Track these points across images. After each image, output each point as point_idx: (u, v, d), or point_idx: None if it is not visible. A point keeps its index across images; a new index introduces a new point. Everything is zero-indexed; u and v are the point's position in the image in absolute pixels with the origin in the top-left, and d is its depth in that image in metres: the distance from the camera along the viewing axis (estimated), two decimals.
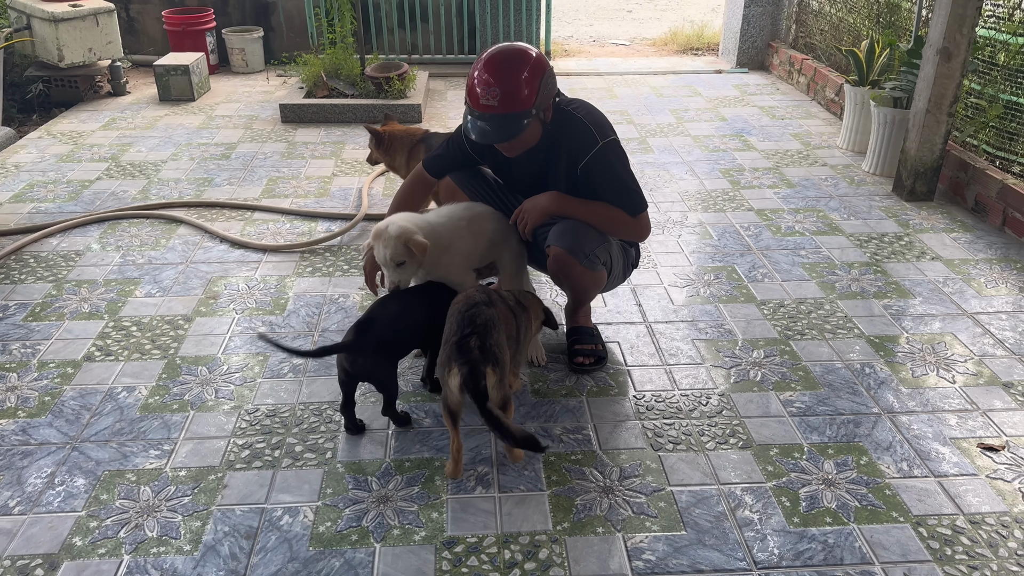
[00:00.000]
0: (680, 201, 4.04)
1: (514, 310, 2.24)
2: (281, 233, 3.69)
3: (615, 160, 2.41)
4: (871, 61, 4.57)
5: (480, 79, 2.30)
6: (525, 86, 2.27)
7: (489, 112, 2.29)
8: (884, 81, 4.45)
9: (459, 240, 2.48)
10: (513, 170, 2.63)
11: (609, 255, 2.54)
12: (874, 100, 4.31)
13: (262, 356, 2.72)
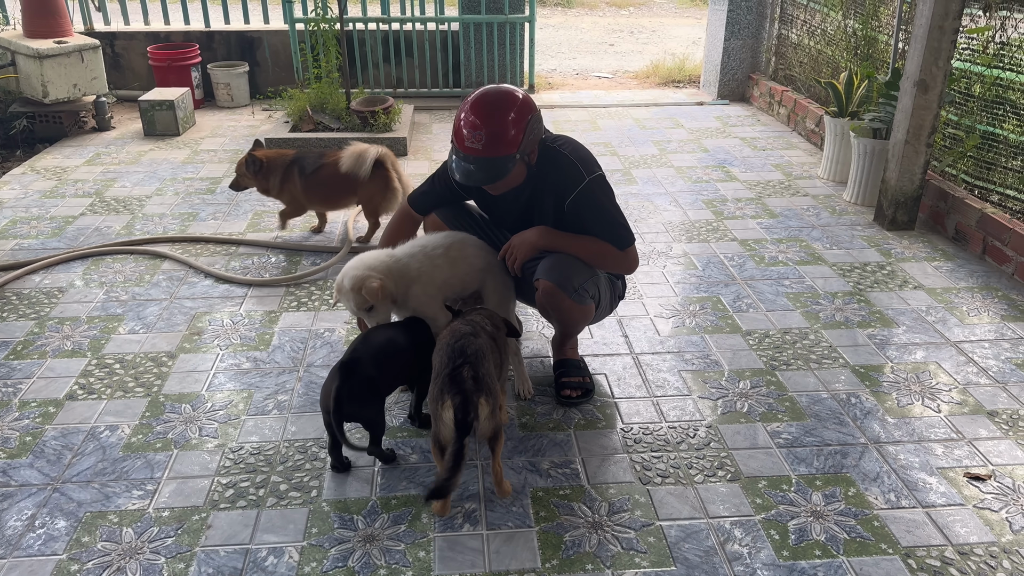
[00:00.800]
0: (664, 232, 4.07)
1: (493, 335, 2.25)
2: (266, 267, 3.69)
3: (602, 195, 2.43)
4: (850, 93, 4.66)
5: (467, 121, 2.32)
6: (511, 128, 2.30)
7: (474, 155, 2.32)
8: (863, 112, 4.54)
9: (433, 269, 2.49)
10: (499, 206, 2.64)
11: (597, 288, 2.56)
12: (854, 131, 4.39)
13: (246, 392, 2.71)
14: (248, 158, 3.85)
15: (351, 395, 2.16)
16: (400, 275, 2.45)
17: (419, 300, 2.47)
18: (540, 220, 2.53)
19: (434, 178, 2.72)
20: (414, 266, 2.47)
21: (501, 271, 2.61)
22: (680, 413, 2.61)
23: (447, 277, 2.52)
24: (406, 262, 2.48)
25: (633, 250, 2.50)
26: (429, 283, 2.47)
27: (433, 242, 2.56)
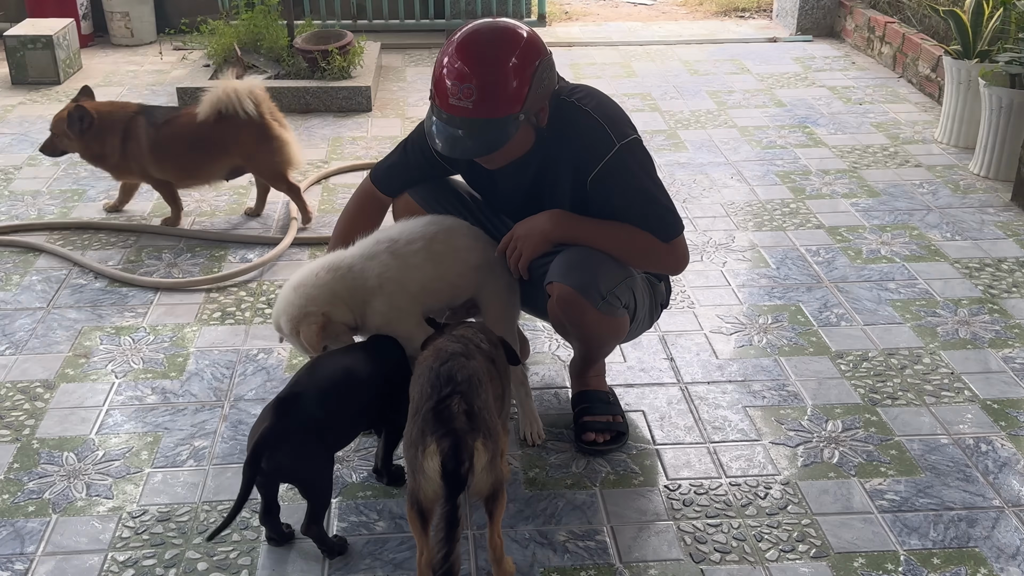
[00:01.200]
0: (724, 216, 4.08)
1: (491, 357, 2.26)
2: (179, 265, 3.69)
3: (637, 167, 2.43)
4: (979, 25, 4.67)
5: (451, 69, 2.31)
6: (512, 78, 2.29)
7: (462, 116, 2.30)
8: (997, 52, 4.54)
9: (406, 271, 2.49)
10: (497, 184, 2.64)
11: (632, 294, 2.56)
12: (984, 78, 4.40)
13: (151, 436, 2.71)
14: (73, 111, 3.77)
15: (284, 445, 2.14)
16: (356, 289, 2.46)
17: (385, 317, 2.48)
18: (553, 202, 2.53)
19: (406, 145, 2.71)
20: (373, 271, 2.48)
21: (503, 272, 2.61)
22: (746, 465, 2.61)
23: (428, 281, 2.52)
24: (361, 267, 2.49)
25: (681, 241, 2.50)
26: (399, 292, 2.47)
27: (407, 233, 2.56)
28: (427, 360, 2.15)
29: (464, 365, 2.08)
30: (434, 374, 2.07)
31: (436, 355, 2.14)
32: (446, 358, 2.11)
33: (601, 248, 2.47)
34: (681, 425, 2.77)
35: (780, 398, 2.89)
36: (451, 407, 2.00)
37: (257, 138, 3.81)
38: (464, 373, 2.06)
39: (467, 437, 1.97)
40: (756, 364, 3.05)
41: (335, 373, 2.32)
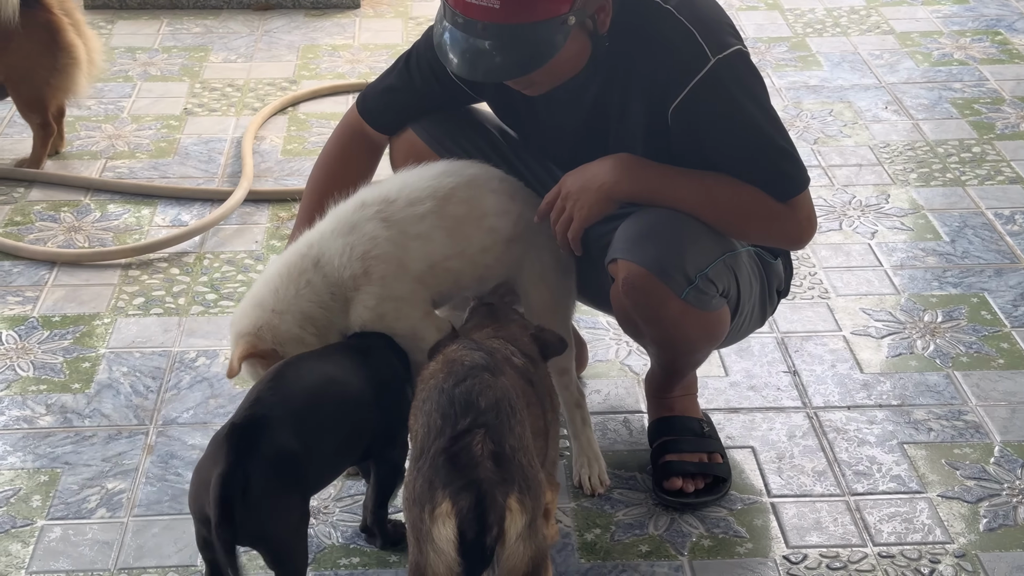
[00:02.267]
0: (875, 165, 4.06)
1: (528, 373, 2.25)
2: (84, 228, 3.72)
3: (741, 91, 2.42)
4: None
5: None
6: None
7: (487, 20, 2.30)
8: None
9: (405, 246, 2.50)
10: (541, 115, 2.64)
11: (734, 277, 2.56)
12: None
13: (45, 474, 2.74)
14: None
15: (250, 493, 2.17)
16: (327, 296, 2.48)
17: (375, 312, 2.48)
18: (620, 143, 2.53)
19: (409, 60, 2.71)
20: (353, 254, 2.48)
21: (548, 244, 2.61)
22: (903, 528, 2.61)
23: (439, 257, 2.52)
24: (331, 257, 2.49)
25: (805, 200, 2.49)
26: (395, 276, 2.48)
27: (409, 188, 2.55)
28: (435, 377, 2.13)
29: (489, 384, 2.06)
30: (446, 398, 2.05)
31: (448, 369, 2.12)
32: (462, 374, 2.08)
33: (688, 210, 2.47)
34: (808, 469, 2.76)
35: (954, 431, 2.87)
36: (471, 448, 1.99)
37: (37, 45, 3.81)
38: (490, 396, 2.05)
39: (495, 491, 1.97)
40: (919, 381, 3.03)
41: (312, 385, 2.33)
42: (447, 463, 1.99)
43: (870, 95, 4.54)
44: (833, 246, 3.60)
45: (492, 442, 2.00)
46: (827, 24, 5.18)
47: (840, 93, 4.56)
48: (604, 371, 3.10)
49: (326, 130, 4.21)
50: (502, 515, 1.96)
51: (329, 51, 5.01)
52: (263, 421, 2.19)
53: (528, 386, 2.22)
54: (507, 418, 2.04)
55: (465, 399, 2.02)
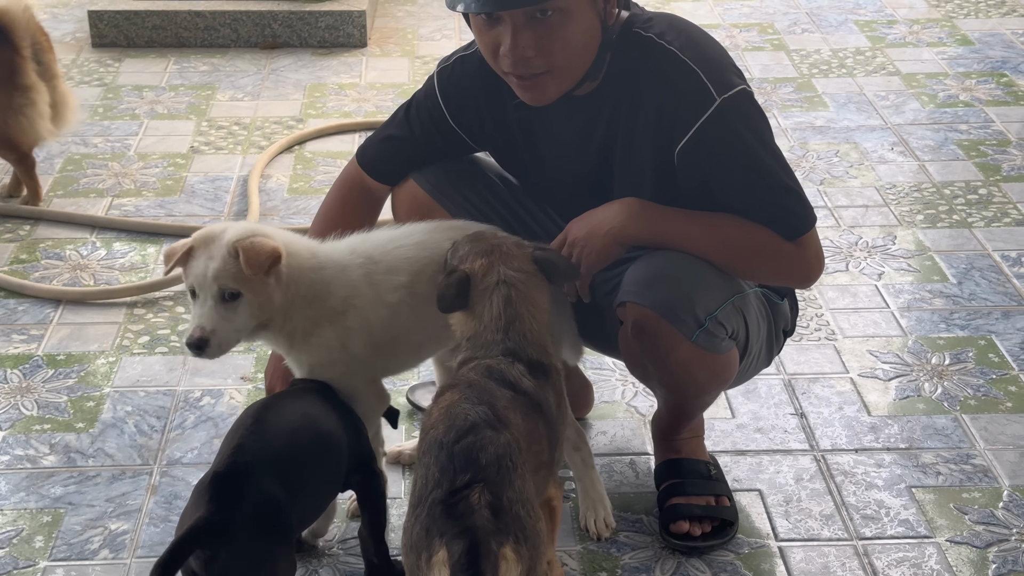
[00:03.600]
0: (880, 206, 4.06)
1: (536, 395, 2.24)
2: (90, 266, 3.73)
3: (747, 130, 2.44)
4: None
5: None
6: None
7: None
8: None
9: (375, 310, 2.49)
10: (545, 157, 2.65)
11: (743, 318, 2.56)
12: None
13: (48, 515, 2.73)
14: None
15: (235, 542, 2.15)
16: (319, 289, 2.47)
17: (326, 357, 2.48)
18: (627, 184, 2.54)
19: (409, 109, 2.73)
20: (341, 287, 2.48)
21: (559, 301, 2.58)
22: (912, 573, 2.59)
23: (402, 332, 2.54)
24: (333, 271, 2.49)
25: (813, 239, 2.49)
26: (358, 333, 2.48)
27: (392, 254, 2.55)
28: (436, 428, 2.12)
29: (491, 440, 2.05)
30: (446, 454, 2.05)
31: (449, 423, 2.11)
32: (464, 429, 2.08)
33: (696, 251, 2.47)
34: (816, 513, 2.75)
35: (963, 476, 2.86)
36: (469, 499, 1.99)
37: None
38: (490, 453, 2.04)
39: (490, 540, 1.97)
40: (927, 424, 3.03)
41: (292, 426, 2.33)
42: (444, 512, 2.00)
43: (876, 136, 4.55)
44: (840, 287, 3.60)
45: (490, 494, 2.00)
46: (833, 65, 5.19)
47: (846, 134, 4.57)
48: (610, 412, 3.09)
49: (332, 168, 4.24)
50: (496, 564, 1.96)
51: (336, 90, 5.02)
52: (246, 469, 2.19)
53: (535, 417, 2.20)
54: (507, 473, 2.04)
55: (465, 456, 2.03)
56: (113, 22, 5.37)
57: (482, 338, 2.30)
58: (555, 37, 2.36)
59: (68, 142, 4.48)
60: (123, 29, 5.38)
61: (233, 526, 2.12)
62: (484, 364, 2.25)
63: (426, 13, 5.77)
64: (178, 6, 5.41)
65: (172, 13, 5.38)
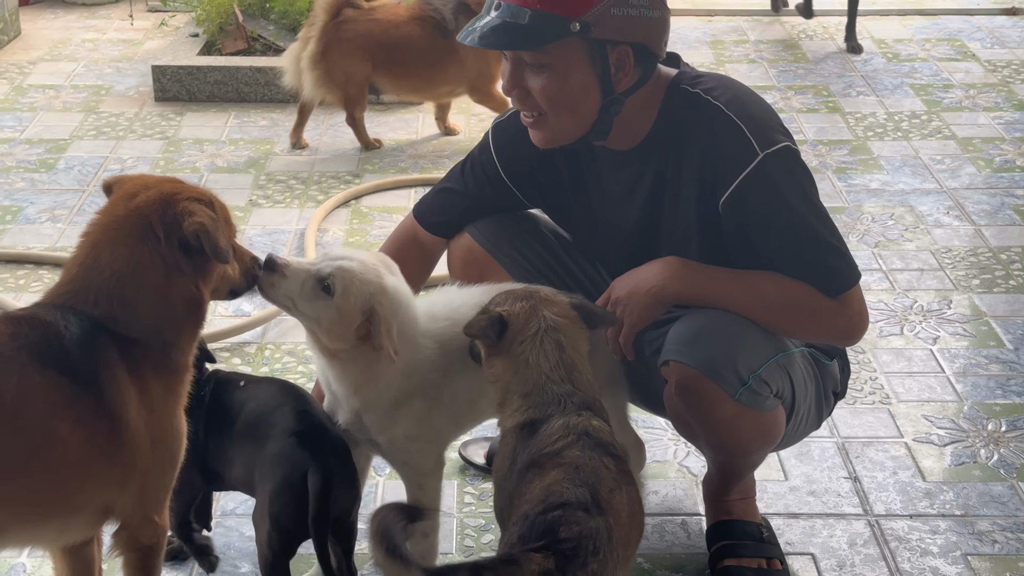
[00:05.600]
0: (936, 270, 4.05)
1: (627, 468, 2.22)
2: None
3: (789, 186, 2.45)
4: None
5: None
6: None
7: (504, 1, 2.40)
8: None
9: (451, 379, 2.47)
10: (594, 211, 2.68)
11: (788, 377, 2.55)
12: None
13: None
14: None
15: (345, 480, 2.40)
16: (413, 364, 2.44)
17: (411, 432, 2.46)
18: (673, 238, 2.56)
19: (465, 166, 2.77)
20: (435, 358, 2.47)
21: (601, 356, 2.57)
22: None
23: (476, 396, 2.50)
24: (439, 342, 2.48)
25: (856, 296, 2.48)
26: (437, 406, 2.48)
27: (455, 318, 2.50)
28: (530, 503, 2.07)
29: (578, 521, 1.97)
30: (528, 524, 1.99)
31: (542, 498, 2.04)
32: (554, 505, 2.01)
33: (738, 309, 2.47)
34: None
35: (1019, 544, 2.82)
36: (530, 557, 1.98)
37: None
38: (573, 531, 1.97)
39: None
40: (983, 491, 3.00)
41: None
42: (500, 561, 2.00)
43: (931, 200, 4.54)
44: (894, 351, 3.58)
45: (556, 564, 1.97)
46: (888, 128, 5.20)
47: (901, 197, 4.56)
48: (662, 472, 3.09)
49: (388, 223, 4.28)
50: None
51: (392, 146, 5.08)
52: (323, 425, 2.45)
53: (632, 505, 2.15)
54: (585, 554, 1.99)
55: (545, 527, 2.00)
56: (176, 77, 5.46)
57: (547, 392, 2.23)
58: (539, 87, 2.43)
59: None
60: (185, 84, 5.47)
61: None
62: (573, 426, 2.18)
63: None
64: (239, 62, 5.51)
65: (233, 69, 5.46)
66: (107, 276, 2.14)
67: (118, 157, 4.90)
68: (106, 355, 2.11)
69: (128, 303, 2.14)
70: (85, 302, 2.13)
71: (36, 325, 2.10)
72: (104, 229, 2.18)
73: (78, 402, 2.07)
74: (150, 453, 2.17)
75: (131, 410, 2.12)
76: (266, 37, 5.73)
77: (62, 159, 4.88)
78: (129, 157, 4.90)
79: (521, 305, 2.29)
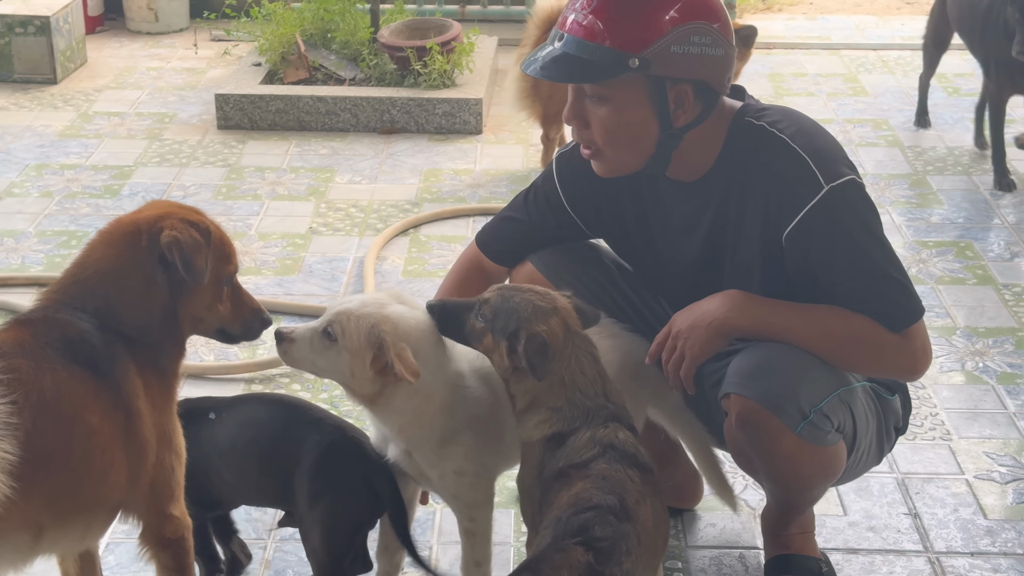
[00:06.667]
0: (997, 305, 4.04)
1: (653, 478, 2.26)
2: (209, 341, 3.78)
3: (854, 220, 2.45)
4: None
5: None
6: (650, 16, 2.38)
7: (570, 33, 2.43)
8: None
9: (501, 419, 2.46)
10: (657, 242, 2.68)
11: (850, 412, 2.54)
12: None
13: None
14: None
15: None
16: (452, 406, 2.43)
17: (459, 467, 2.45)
18: (735, 271, 2.56)
19: (528, 196, 2.79)
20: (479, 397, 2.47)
21: (658, 386, 2.63)
22: None
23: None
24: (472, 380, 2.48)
25: (920, 331, 2.48)
26: (490, 443, 2.47)
27: None
28: (560, 508, 2.13)
29: (610, 523, 2.05)
30: (561, 527, 2.05)
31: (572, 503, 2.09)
32: (584, 507, 2.06)
33: (800, 343, 2.47)
34: None
35: None
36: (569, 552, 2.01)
37: None
38: (607, 531, 2.03)
39: None
40: None
41: None
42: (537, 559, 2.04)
43: (992, 235, 4.52)
44: (955, 387, 3.56)
45: (595, 559, 2.01)
46: (948, 162, 5.17)
47: (961, 232, 4.54)
48: (719, 505, 3.06)
49: (447, 252, 4.31)
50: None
51: (451, 175, 5.10)
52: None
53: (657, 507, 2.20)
54: (619, 554, 2.04)
55: (579, 525, 2.04)
56: (238, 105, 5.52)
57: (578, 406, 2.25)
58: (595, 117, 2.46)
59: None
60: (248, 112, 5.52)
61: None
62: (599, 439, 2.21)
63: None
64: (301, 91, 5.56)
65: (295, 98, 5.51)
66: (92, 273, 2.26)
67: (181, 184, 4.96)
68: (117, 349, 2.21)
69: (111, 301, 2.24)
70: (76, 298, 2.23)
71: (52, 324, 2.20)
72: (103, 233, 2.34)
73: (102, 395, 2.17)
74: (156, 448, 2.25)
75: (141, 403, 2.23)
76: (327, 67, 5.77)
77: (126, 185, 4.95)
78: (192, 184, 4.96)
79: (555, 322, 2.29)
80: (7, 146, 5.33)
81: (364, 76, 5.72)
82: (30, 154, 5.24)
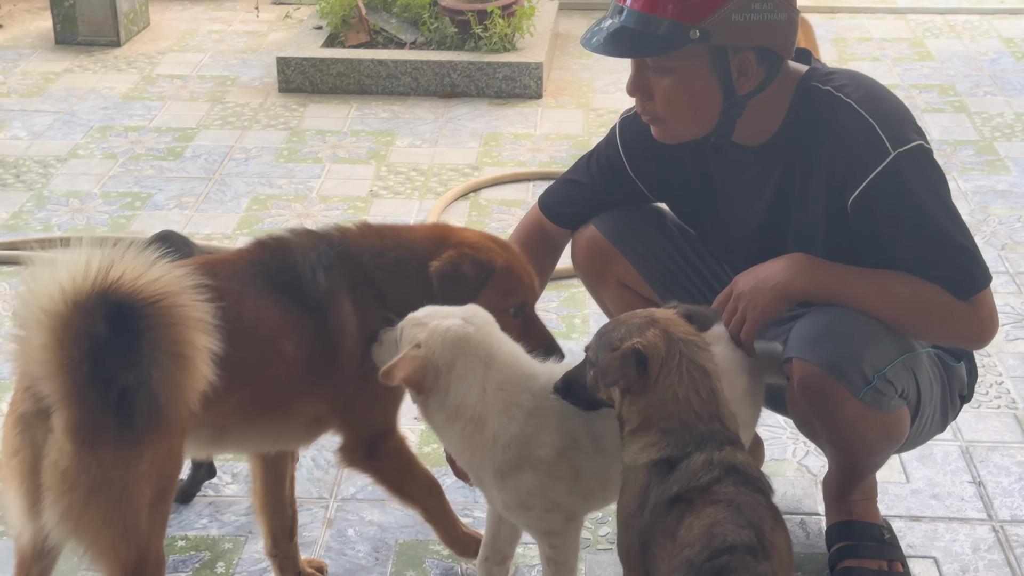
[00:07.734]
0: None
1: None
2: None
3: (922, 186, 2.43)
4: None
5: None
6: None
7: (630, 7, 2.43)
8: None
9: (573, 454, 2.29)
10: (721, 207, 2.68)
11: (914, 378, 2.53)
12: None
13: (231, 540, 2.81)
14: None
15: None
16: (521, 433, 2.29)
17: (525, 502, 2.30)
18: (799, 236, 2.55)
19: (590, 160, 2.79)
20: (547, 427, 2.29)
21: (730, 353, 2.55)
22: None
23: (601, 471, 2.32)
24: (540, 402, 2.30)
25: (986, 299, 2.45)
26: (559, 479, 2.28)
27: None
28: (692, 547, 2.00)
29: (747, 566, 1.95)
30: (694, 572, 1.94)
31: (706, 544, 1.97)
32: (720, 550, 1.95)
33: (864, 308, 2.46)
34: None
35: None
36: None
37: None
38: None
39: None
40: None
41: None
42: None
43: None
44: (1021, 355, 3.54)
45: None
46: (1016, 129, 5.11)
47: None
48: (781, 471, 3.08)
49: (507, 216, 4.32)
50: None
51: (511, 139, 5.11)
52: None
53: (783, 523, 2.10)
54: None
55: (715, 572, 1.94)
56: (300, 68, 5.55)
57: (692, 430, 2.08)
58: (658, 89, 2.46)
59: (254, 182, 4.63)
60: (309, 75, 5.55)
61: None
62: (717, 461, 2.06)
63: (601, 67, 5.81)
64: (362, 55, 5.57)
65: (356, 61, 5.53)
66: (400, 243, 2.50)
67: (243, 147, 5.00)
68: (337, 286, 2.41)
69: (390, 274, 2.46)
70: (360, 245, 2.47)
71: (279, 251, 2.44)
72: (411, 230, 2.61)
73: (303, 325, 2.38)
74: (359, 380, 2.42)
75: (347, 338, 2.40)
76: (388, 30, 5.79)
77: (189, 148, 5.00)
78: (253, 147, 5.00)
79: (653, 332, 2.12)
80: (72, 108, 5.39)
81: (424, 40, 5.73)
82: (94, 116, 5.30)
